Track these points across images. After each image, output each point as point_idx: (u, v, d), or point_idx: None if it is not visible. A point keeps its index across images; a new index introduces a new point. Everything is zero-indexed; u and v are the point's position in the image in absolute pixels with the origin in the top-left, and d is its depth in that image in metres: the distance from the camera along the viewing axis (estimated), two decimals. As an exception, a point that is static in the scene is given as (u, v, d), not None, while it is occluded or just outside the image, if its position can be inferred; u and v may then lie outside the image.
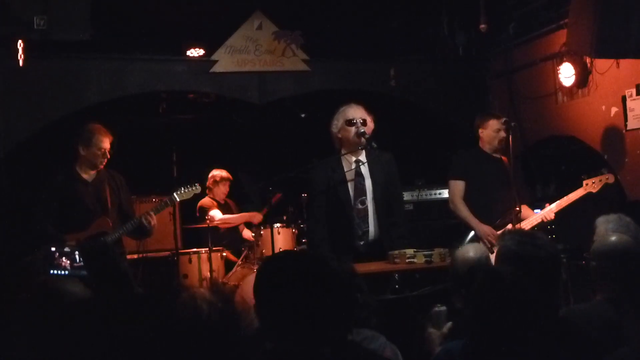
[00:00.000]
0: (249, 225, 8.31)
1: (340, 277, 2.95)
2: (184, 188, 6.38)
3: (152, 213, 6.05)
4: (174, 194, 6.33)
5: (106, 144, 6.00)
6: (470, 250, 3.79)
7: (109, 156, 6.05)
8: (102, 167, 6.06)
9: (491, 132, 6.44)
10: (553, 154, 7.94)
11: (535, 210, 6.41)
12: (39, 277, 2.72)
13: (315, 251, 5.60)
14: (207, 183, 8.25)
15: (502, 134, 6.36)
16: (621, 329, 3.27)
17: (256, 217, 7.83)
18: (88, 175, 6.06)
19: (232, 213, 8.34)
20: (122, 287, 3.37)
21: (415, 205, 8.10)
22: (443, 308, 3.62)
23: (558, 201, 6.22)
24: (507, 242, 3.34)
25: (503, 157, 6.44)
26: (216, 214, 7.89)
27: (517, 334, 2.67)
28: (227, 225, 8.02)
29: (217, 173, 8.33)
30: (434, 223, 7.98)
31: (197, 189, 6.55)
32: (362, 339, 3.08)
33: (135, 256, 6.92)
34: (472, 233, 6.24)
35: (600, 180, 6.10)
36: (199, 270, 7.51)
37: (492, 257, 4.30)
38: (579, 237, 5.01)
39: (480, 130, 6.50)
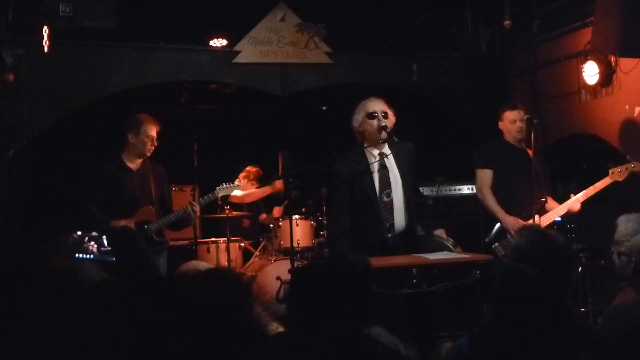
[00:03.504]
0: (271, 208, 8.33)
1: (356, 272, 2.97)
2: (226, 184, 6.64)
3: (196, 204, 6.26)
4: (217, 189, 6.55)
5: (154, 132, 6.21)
6: None
7: (156, 144, 6.23)
8: (148, 154, 6.24)
9: (507, 123, 6.48)
10: (575, 153, 7.89)
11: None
12: (56, 259, 2.73)
13: (335, 245, 5.60)
14: (240, 175, 8.27)
15: (519, 124, 6.39)
16: None
17: (276, 184, 7.81)
18: (134, 165, 6.24)
19: (257, 208, 8.36)
20: (145, 274, 3.39)
21: (435, 201, 8.07)
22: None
23: (584, 191, 6.19)
24: (519, 239, 3.35)
25: (528, 150, 6.41)
26: (237, 192, 7.89)
27: (531, 333, 2.67)
28: (250, 199, 8.02)
29: (253, 170, 8.36)
30: (453, 219, 7.96)
31: (239, 186, 6.90)
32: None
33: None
34: (497, 225, 6.21)
35: (627, 169, 6.09)
36: (217, 260, 7.54)
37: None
38: (599, 238, 4.98)
39: (499, 124, 6.55)
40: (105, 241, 4.19)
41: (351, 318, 2.86)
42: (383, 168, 5.53)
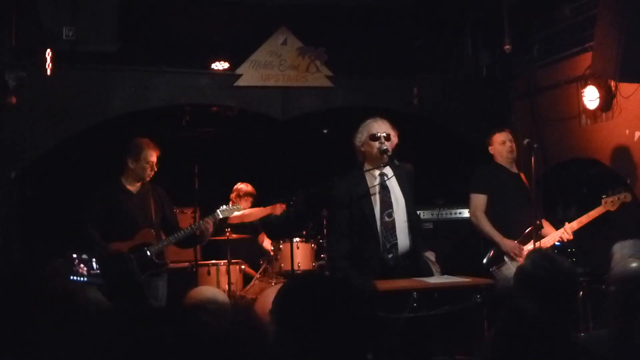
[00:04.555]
0: (270, 232, 8.31)
1: (361, 296, 2.95)
2: (226, 206, 6.65)
3: (210, 219, 6.33)
4: (217, 211, 6.53)
5: (154, 157, 6.23)
6: None
7: (156, 169, 6.25)
8: (147, 179, 6.28)
9: (497, 145, 6.57)
10: (574, 177, 7.90)
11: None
12: (60, 282, 2.74)
13: (336, 267, 5.59)
14: (231, 195, 8.27)
15: (509, 144, 6.50)
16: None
17: (277, 208, 7.81)
18: (133, 187, 6.28)
19: (252, 228, 8.35)
20: (135, 299, 3.39)
21: (435, 224, 8.07)
22: None
23: (578, 219, 6.24)
24: (525, 261, 3.36)
25: (521, 174, 6.47)
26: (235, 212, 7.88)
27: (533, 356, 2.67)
28: (249, 218, 8.01)
29: (242, 187, 8.35)
30: (453, 242, 7.95)
31: (239, 208, 6.92)
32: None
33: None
34: (493, 249, 6.21)
35: (618, 199, 6.19)
36: (217, 283, 7.52)
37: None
38: (599, 262, 4.98)
39: (490, 149, 6.65)
40: (94, 264, 4.21)
41: (354, 345, 2.84)
42: (384, 189, 5.54)
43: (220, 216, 6.59)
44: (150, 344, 1.46)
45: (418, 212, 7.12)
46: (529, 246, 6.11)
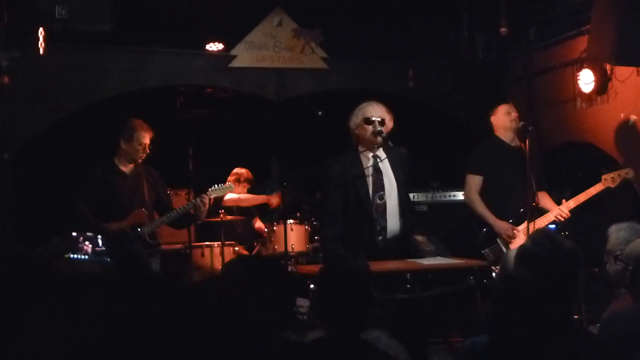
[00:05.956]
0: (263, 216, 8.30)
1: (354, 276, 2.96)
2: (218, 185, 6.61)
3: (204, 196, 6.30)
4: (208, 190, 6.52)
5: (147, 139, 6.21)
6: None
7: (148, 151, 6.24)
8: (140, 161, 6.26)
9: (501, 115, 6.47)
10: (570, 160, 7.90)
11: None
12: (63, 262, 2.73)
13: (328, 248, 5.59)
14: (229, 178, 8.24)
15: (513, 114, 6.40)
16: None
17: (272, 199, 7.80)
18: (126, 168, 6.28)
19: (250, 212, 8.34)
20: (140, 275, 3.39)
21: (430, 206, 8.07)
22: None
23: (575, 197, 6.20)
24: (527, 241, 3.37)
25: (522, 145, 6.35)
26: (231, 195, 7.87)
27: (532, 336, 2.68)
28: (245, 203, 8.00)
29: (243, 172, 8.32)
30: (448, 225, 7.95)
31: (231, 187, 6.87)
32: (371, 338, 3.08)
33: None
34: (485, 230, 6.20)
35: (620, 175, 6.08)
36: (212, 264, 7.52)
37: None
38: (593, 245, 4.98)
39: (492, 118, 6.55)
40: (100, 241, 4.20)
41: (349, 323, 2.85)
42: (377, 171, 5.53)
43: (212, 196, 6.57)
44: (151, 314, 1.44)
45: (413, 195, 7.12)
46: (523, 226, 6.10)
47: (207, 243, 7.78)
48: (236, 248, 7.89)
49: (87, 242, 4.13)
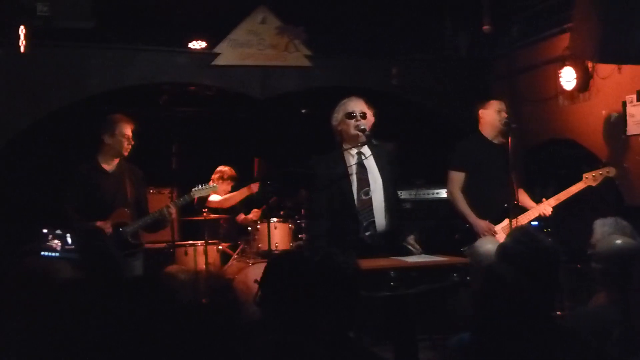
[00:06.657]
0: (249, 212, 8.28)
1: (343, 274, 2.95)
2: (202, 185, 6.63)
3: (172, 206, 6.31)
4: (192, 190, 6.55)
5: (129, 131, 6.21)
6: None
7: (132, 142, 6.22)
8: (126, 154, 6.22)
9: (493, 112, 6.43)
10: (552, 157, 7.93)
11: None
12: (29, 260, 2.72)
13: (315, 246, 5.58)
14: (213, 176, 8.21)
15: (504, 114, 6.37)
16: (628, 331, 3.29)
17: (252, 187, 7.77)
18: (110, 166, 6.25)
19: (233, 210, 8.32)
20: (111, 273, 3.38)
21: (414, 204, 8.07)
22: None
23: (557, 195, 6.22)
24: (506, 239, 3.38)
25: (504, 141, 6.34)
26: (215, 197, 7.86)
27: (514, 333, 2.69)
28: (229, 203, 7.98)
29: (226, 170, 8.29)
30: (432, 223, 7.96)
31: (215, 187, 6.87)
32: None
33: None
34: (466, 227, 6.22)
35: (601, 174, 6.11)
36: (195, 263, 7.51)
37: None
38: (576, 241, 5.01)
39: (481, 112, 6.51)
40: (69, 239, 4.18)
41: (337, 321, 2.85)
42: (361, 167, 5.52)
43: (195, 196, 6.58)
44: (123, 316, 1.45)
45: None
46: (503, 224, 6.12)
47: (191, 242, 7.77)
48: (220, 247, 7.88)
49: (55, 240, 4.11)
